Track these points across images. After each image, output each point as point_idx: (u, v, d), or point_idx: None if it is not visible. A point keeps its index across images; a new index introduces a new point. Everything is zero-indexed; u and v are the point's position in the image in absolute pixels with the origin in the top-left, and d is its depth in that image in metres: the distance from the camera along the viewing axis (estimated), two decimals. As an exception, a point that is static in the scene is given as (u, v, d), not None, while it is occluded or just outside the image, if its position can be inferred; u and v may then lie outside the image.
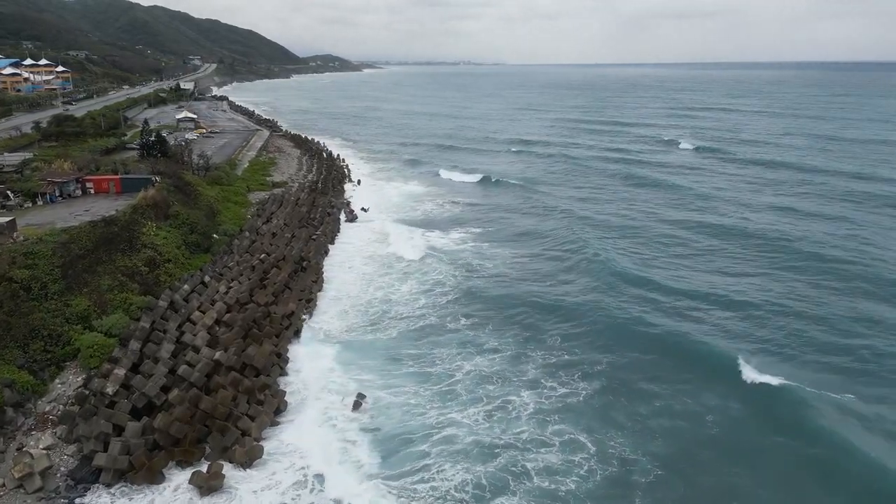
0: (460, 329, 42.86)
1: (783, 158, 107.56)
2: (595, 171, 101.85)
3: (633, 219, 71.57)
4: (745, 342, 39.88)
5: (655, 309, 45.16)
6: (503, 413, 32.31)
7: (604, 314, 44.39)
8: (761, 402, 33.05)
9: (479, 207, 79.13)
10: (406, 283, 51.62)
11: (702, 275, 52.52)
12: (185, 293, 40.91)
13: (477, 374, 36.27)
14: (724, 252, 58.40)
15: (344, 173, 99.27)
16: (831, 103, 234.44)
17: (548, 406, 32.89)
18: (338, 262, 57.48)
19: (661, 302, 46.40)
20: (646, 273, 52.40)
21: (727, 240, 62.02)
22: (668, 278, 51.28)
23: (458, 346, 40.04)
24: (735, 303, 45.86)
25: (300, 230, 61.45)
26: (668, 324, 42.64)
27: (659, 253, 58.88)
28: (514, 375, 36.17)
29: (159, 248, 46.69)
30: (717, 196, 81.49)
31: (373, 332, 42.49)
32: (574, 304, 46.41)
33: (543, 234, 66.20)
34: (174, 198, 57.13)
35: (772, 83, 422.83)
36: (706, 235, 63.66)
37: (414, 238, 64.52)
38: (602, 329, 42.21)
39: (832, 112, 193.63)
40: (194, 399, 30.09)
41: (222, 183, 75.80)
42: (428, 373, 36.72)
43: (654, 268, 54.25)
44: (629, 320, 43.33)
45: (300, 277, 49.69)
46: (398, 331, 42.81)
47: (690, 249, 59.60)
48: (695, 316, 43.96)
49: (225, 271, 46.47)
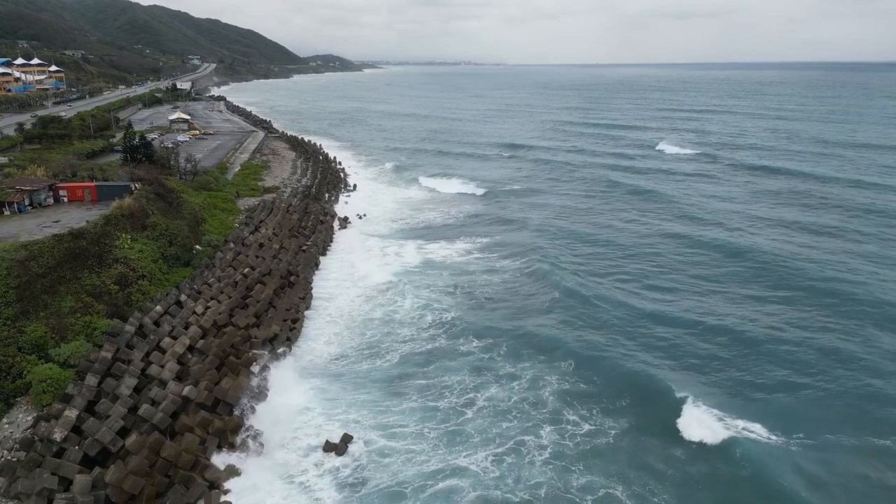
0: (472, 352, 39.11)
1: (776, 164, 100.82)
2: (581, 179, 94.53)
3: (606, 229, 66.62)
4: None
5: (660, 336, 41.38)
6: (516, 457, 28.43)
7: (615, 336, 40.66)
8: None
9: (476, 216, 74.61)
10: (407, 299, 47.68)
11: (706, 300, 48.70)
12: (157, 315, 37.13)
13: (491, 408, 32.49)
14: (730, 277, 52.04)
15: (339, 177, 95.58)
16: (835, 105, 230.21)
17: (572, 449, 28.99)
18: (329, 276, 53.76)
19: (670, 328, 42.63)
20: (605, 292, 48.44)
21: (726, 261, 54.90)
22: (661, 302, 47.45)
23: (469, 373, 36.33)
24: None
25: (290, 240, 57.69)
26: (681, 354, 38.86)
27: (627, 270, 53.07)
28: (532, 408, 32.35)
29: (133, 264, 42.92)
30: (710, 208, 74.46)
31: (370, 359, 38.64)
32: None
33: (513, 244, 61.99)
34: (154, 206, 53.38)
35: (770, 84, 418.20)
36: (696, 252, 57.70)
37: (412, 249, 60.79)
38: (618, 356, 38.41)
39: (836, 115, 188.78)
40: (155, 445, 26.35)
41: (210, 188, 72.06)
42: (434, 408, 32.85)
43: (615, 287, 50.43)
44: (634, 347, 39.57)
45: (286, 294, 45.95)
46: (400, 355, 38.96)
47: (687, 267, 55.01)
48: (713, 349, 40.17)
49: (204, 289, 42.68)
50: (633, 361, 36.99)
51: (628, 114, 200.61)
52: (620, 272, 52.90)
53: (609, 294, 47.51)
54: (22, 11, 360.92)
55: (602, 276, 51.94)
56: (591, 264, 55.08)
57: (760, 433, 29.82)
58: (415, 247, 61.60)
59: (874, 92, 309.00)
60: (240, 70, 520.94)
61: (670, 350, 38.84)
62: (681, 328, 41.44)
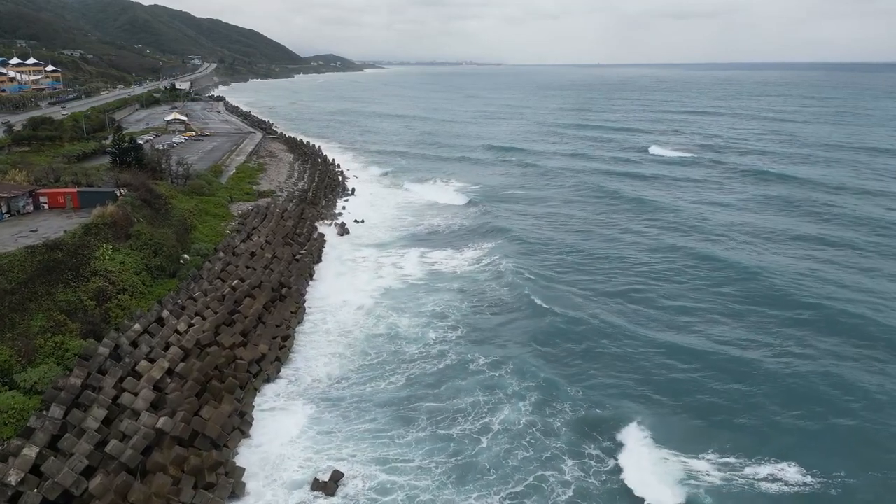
0: (481, 370, 36.32)
1: (777, 169, 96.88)
2: (574, 185, 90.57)
3: (603, 242, 62.89)
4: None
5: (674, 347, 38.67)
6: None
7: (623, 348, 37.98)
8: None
9: (467, 225, 70.61)
10: (405, 317, 44.74)
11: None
12: (135, 335, 34.37)
13: (506, 435, 29.83)
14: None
15: (338, 181, 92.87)
16: (841, 106, 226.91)
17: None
18: (325, 286, 51.02)
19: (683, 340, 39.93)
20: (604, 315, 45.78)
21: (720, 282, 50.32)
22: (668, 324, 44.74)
23: (482, 391, 33.67)
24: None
25: (283, 248, 54.96)
26: (704, 366, 36.16)
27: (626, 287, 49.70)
28: (545, 436, 29.64)
29: (113, 276, 40.20)
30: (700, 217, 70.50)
31: (372, 381, 35.68)
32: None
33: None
34: (140, 213, 50.68)
35: (772, 84, 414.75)
36: (696, 266, 54.03)
37: (411, 258, 58.06)
38: (627, 369, 35.74)
39: (843, 117, 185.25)
40: (122, 489, 23.66)
41: (203, 193, 69.32)
42: (443, 436, 30.05)
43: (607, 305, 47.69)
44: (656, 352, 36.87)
45: (277, 308, 43.24)
46: (406, 377, 36.09)
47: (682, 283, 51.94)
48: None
49: (188, 304, 39.94)
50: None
51: (628, 115, 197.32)
52: (614, 291, 49.51)
53: (604, 317, 44.76)
54: (21, 11, 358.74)
55: (600, 298, 48.89)
56: (587, 281, 51.91)
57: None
58: (414, 255, 58.89)
59: (879, 93, 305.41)
60: (240, 70, 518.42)
61: (647, 372, 36.15)
62: (677, 356, 38.39)
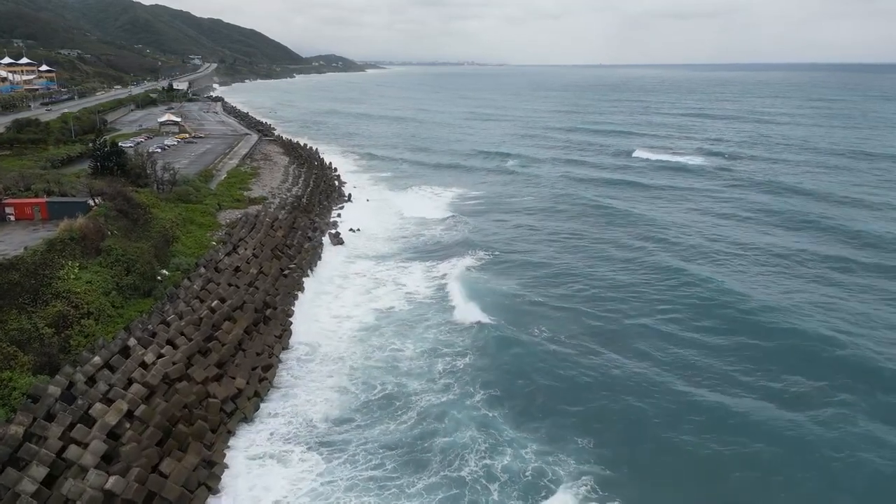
0: (483, 417, 31.54)
1: (771, 178, 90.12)
2: (566, 196, 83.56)
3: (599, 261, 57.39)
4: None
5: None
6: None
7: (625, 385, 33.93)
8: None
9: (460, 238, 65.49)
10: (409, 341, 40.44)
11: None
12: (94, 369, 30.37)
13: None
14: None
15: (333, 186, 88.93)
16: (852, 109, 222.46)
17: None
18: (316, 305, 46.95)
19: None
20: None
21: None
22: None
23: (488, 448, 28.98)
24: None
25: (271, 262, 50.93)
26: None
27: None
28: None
29: (77, 298, 36.23)
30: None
31: (372, 424, 31.24)
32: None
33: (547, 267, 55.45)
34: (115, 225, 46.77)
35: (778, 85, 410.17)
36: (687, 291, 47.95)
37: (412, 272, 54.04)
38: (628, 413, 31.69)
39: (855, 120, 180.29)
40: (55, 573, 19.67)
41: (189, 200, 65.42)
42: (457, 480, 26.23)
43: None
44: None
45: (260, 333, 39.24)
46: (416, 414, 31.70)
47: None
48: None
49: (160, 329, 35.90)
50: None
51: (626, 117, 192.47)
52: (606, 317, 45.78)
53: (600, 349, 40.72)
54: (21, 10, 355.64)
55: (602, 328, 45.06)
56: (582, 306, 47.55)
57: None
58: (417, 270, 54.70)
59: (885, 95, 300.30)
60: (241, 70, 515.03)
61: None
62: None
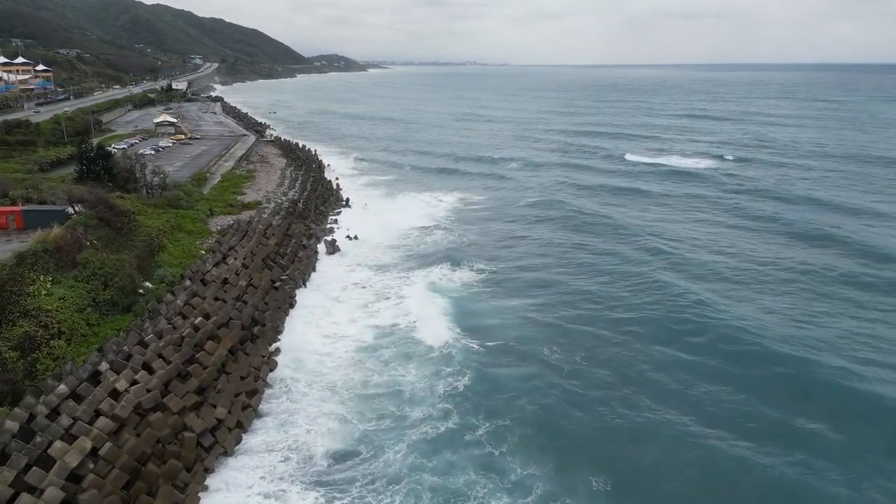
0: (490, 457, 28.73)
1: (774, 187, 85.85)
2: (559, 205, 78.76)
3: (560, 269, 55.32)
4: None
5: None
6: None
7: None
8: None
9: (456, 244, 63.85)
10: (411, 364, 37.36)
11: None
12: (58, 399, 27.54)
13: None
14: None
15: (331, 189, 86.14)
16: (864, 111, 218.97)
17: None
18: (309, 321, 44.08)
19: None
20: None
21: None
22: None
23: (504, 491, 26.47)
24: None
25: (262, 273, 48.14)
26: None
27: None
28: None
29: (48, 317, 33.41)
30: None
31: (368, 459, 28.41)
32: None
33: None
34: (95, 235, 43.99)
35: (771, 85, 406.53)
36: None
37: (416, 282, 51.10)
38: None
39: (869, 124, 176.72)
40: None
41: (180, 206, 62.59)
42: None
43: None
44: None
45: (247, 353, 36.41)
46: (416, 449, 28.89)
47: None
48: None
49: (136, 351, 33.09)
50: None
51: (625, 119, 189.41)
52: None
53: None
54: (20, 9, 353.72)
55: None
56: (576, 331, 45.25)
57: None
58: (418, 281, 51.71)
59: (890, 95, 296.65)
60: (242, 70, 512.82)
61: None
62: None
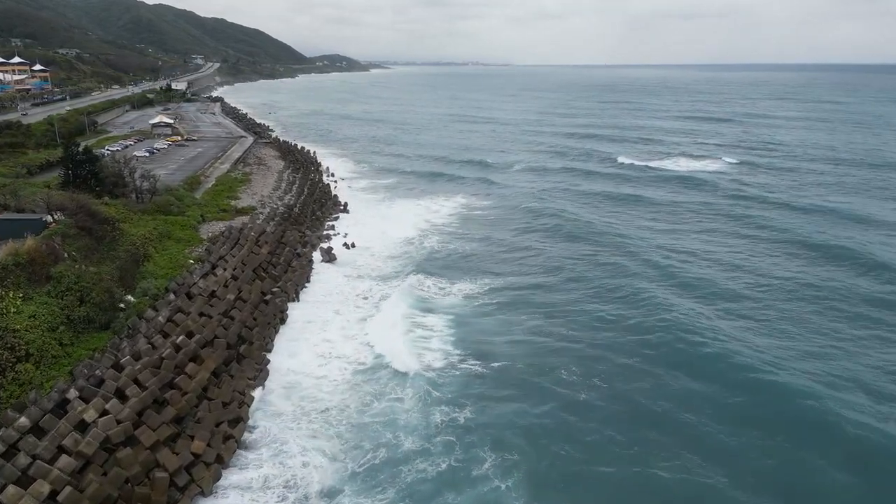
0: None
1: (777, 197, 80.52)
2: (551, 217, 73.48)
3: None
4: None
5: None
6: None
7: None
8: None
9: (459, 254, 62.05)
10: (411, 387, 34.38)
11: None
12: (18, 434, 24.91)
13: None
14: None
15: (329, 193, 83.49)
16: (873, 112, 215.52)
17: None
18: (302, 338, 41.27)
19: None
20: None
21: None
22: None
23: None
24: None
25: (252, 285, 45.50)
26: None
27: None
28: None
29: (15, 338, 30.80)
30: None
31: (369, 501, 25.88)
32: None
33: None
34: (74, 245, 41.41)
35: (773, 86, 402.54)
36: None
37: (418, 298, 48.17)
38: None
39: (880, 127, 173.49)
40: None
41: (170, 212, 59.87)
42: None
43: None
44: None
45: (231, 376, 33.75)
46: (415, 478, 26.67)
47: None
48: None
49: (109, 376, 30.38)
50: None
51: (622, 120, 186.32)
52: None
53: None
54: (21, 9, 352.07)
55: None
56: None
57: None
58: (418, 293, 49.00)
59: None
60: (244, 70, 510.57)
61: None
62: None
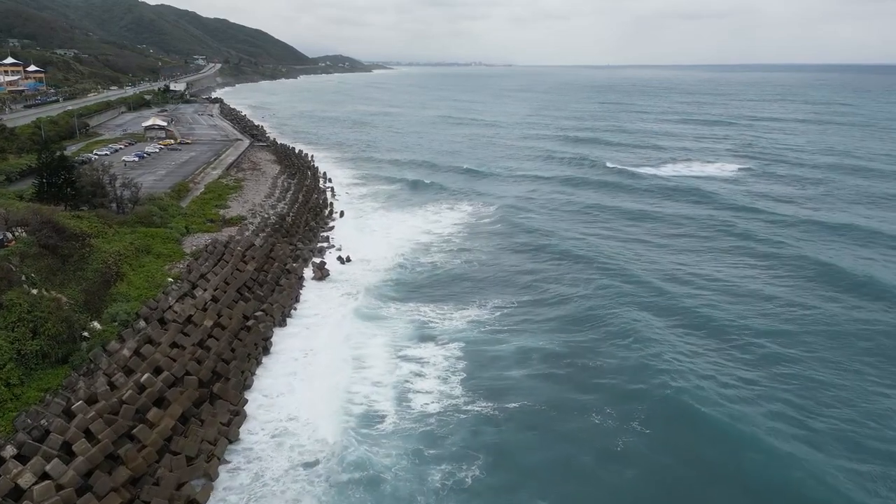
0: None
1: (778, 208, 76.26)
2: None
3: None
4: None
5: None
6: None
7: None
8: None
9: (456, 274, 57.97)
10: (413, 437, 30.31)
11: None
12: (-68, 510, 20.94)
13: None
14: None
15: (325, 201, 79.37)
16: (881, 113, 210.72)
17: None
18: (285, 374, 36.91)
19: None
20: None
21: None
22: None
23: None
24: None
25: (234, 308, 41.36)
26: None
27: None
28: None
29: (-50, 380, 26.84)
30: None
31: None
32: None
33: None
34: (34, 266, 37.35)
35: (776, 85, 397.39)
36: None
37: (418, 325, 44.08)
38: None
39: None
40: None
41: (152, 223, 55.82)
42: None
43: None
44: None
45: (201, 421, 29.59)
46: None
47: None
48: None
49: (57, 426, 26.29)
50: None
51: (619, 122, 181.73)
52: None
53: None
54: (20, 9, 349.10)
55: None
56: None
57: None
58: (418, 318, 44.82)
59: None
60: (246, 70, 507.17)
61: None
62: None
